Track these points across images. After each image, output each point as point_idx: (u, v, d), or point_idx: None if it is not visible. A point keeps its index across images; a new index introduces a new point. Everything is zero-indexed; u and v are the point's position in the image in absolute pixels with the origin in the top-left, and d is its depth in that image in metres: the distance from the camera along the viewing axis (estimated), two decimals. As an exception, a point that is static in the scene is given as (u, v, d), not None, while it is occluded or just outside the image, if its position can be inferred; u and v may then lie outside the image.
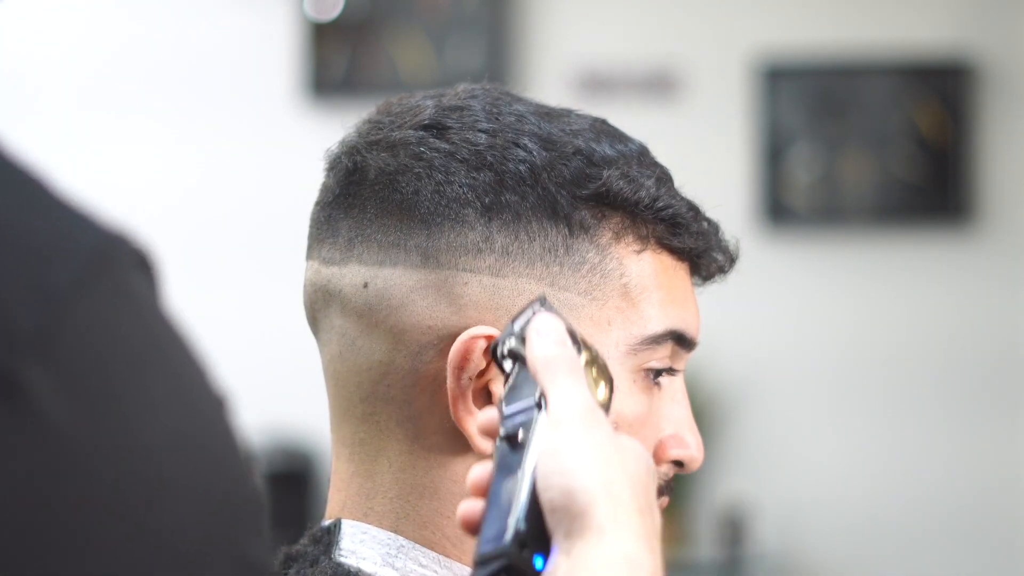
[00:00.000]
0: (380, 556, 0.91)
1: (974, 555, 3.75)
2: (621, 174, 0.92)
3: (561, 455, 0.77)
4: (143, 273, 0.59)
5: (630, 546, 0.75)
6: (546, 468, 0.77)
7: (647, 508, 0.78)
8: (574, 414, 0.79)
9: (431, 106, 0.94)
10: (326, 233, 0.94)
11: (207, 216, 3.85)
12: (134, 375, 0.56)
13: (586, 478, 0.76)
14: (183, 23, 3.88)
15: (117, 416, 0.55)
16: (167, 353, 0.58)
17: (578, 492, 0.76)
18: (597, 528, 0.75)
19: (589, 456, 0.77)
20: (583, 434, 0.78)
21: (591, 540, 0.75)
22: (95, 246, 0.57)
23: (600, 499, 0.76)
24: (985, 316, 3.75)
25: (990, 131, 3.76)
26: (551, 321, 0.83)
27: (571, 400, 0.79)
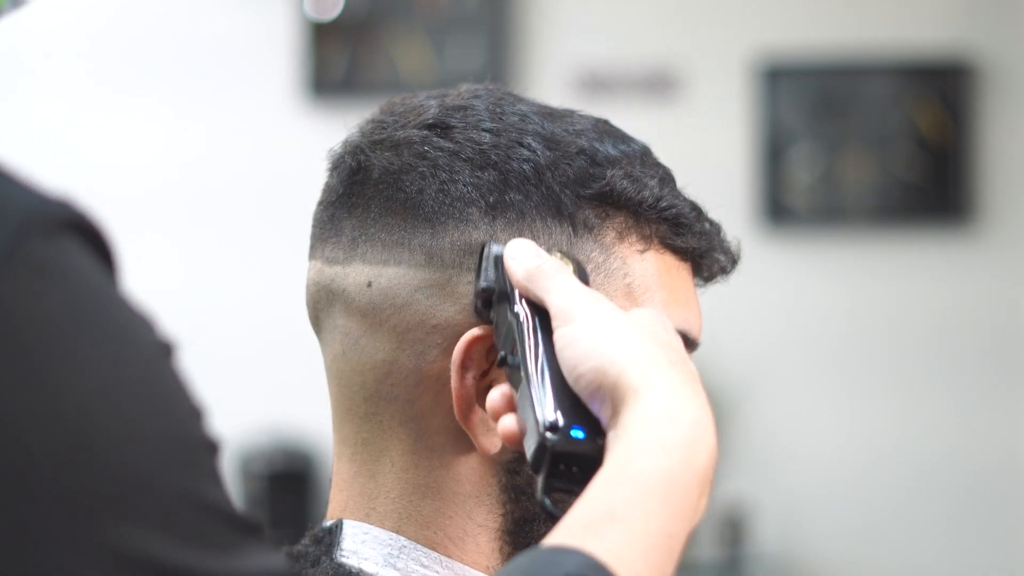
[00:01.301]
0: (382, 556, 0.91)
1: (974, 555, 3.74)
2: (625, 174, 0.93)
3: (579, 341, 0.80)
4: (73, 236, 0.60)
5: (668, 398, 0.77)
6: (570, 360, 0.80)
7: (678, 360, 0.80)
8: (578, 304, 0.82)
9: (435, 106, 0.94)
10: (329, 232, 0.94)
11: (206, 216, 3.85)
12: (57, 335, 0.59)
13: (610, 351, 0.79)
14: (183, 23, 3.88)
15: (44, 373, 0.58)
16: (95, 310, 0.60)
17: (607, 366, 0.78)
18: (633, 391, 0.77)
19: (607, 331, 0.80)
20: (594, 316, 0.81)
21: (631, 404, 0.77)
22: (22, 213, 0.59)
23: (629, 364, 0.78)
24: (985, 316, 3.75)
25: (990, 131, 3.76)
26: (521, 242, 0.87)
27: (569, 294, 0.83)
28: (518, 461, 0.91)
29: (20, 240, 0.59)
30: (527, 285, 0.84)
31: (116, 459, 0.59)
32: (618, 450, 0.76)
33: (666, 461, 0.75)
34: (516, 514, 0.91)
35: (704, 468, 0.77)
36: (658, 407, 0.77)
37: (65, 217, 0.60)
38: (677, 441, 0.76)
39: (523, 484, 0.91)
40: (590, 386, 0.79)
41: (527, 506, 0.91)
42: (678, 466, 0.75)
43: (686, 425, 0.77)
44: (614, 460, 0.76)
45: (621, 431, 0.77)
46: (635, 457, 0.75)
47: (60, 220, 0.60)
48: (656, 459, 0.75)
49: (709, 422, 0.78)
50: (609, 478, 0.76)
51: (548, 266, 0.85)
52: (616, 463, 0.76)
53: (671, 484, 0.75)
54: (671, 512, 0.75)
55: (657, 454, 0.75)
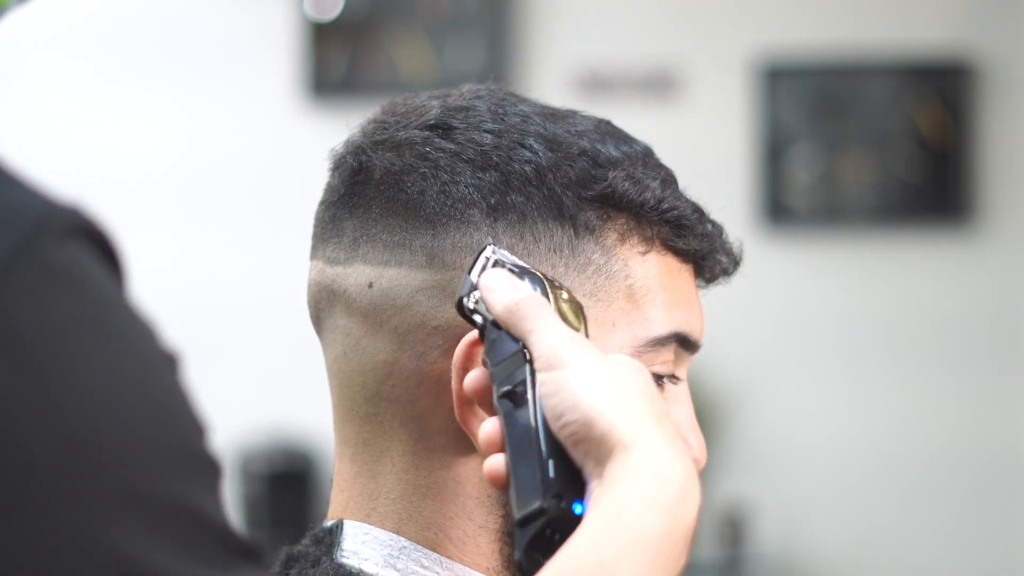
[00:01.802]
0: (382, 557, 0.91)
1: (974, 556, 3.74)
2: (626, 175, 0.92)
3: (564, 392, 0.79)
4: (83, 243, 0.61)
5: (657, 455, 0.77)
6: (555, 410, 0.79)
7: (662, 415, 0.80)
8: (561, 351, 0.81)
9: (436, 106, 0.94)
10: (331, 233, 0.94)
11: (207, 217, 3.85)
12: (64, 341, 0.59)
13: (596, 403, 0.78)
14: (183, 23, 3.88)
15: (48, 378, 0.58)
16: (102, 318, 0.60)
17: (594, 419, 0.78)
18: (622, 446, 0.77)
19: (591, 382, 0.79)
20: (577, 365, 0.80)
21: (618, 459, 0.77)
22: (31, 218, 0.59)
23: (616, 418, 0.78)
24: (985, 316, 3.75)
25: (990, 131, 3.76)
26: (496, 275, 0.85)
27: (552, 339, 0.82)
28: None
29: (29, 245, 0.59)
30: (507, 321, 0.84)
31: (116, 466, 0.59)
32: (606, 503, 0.76)
33: (656, 520, 0.75)
34: (517, 515, 0.91)
35: (690, 527, 0.78)
36: (648, 464, 0.77)
37: (75, 223, 0.61)
38: (668, 500, 0.76)
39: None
40: (574, 436, 0.78)
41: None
42: (667, 525, 0.76)
43: (675, 483, 0.77)
44: (602, 512, 0.76)
45: (608, 484, 0.77)
46: (624, 512, 0.75)
47: (70, 226, 0.60)
48: (646, 517, 0.75)
49: (696, 480, 0.78)
50: (596, 530, 0.75)
51: (528, 304, 0.83)
52: (604, 516, 0.76)
53: (660, 543, 0.75)
54: (657, 570, 0.75)
55: (647, 512, 0.75)
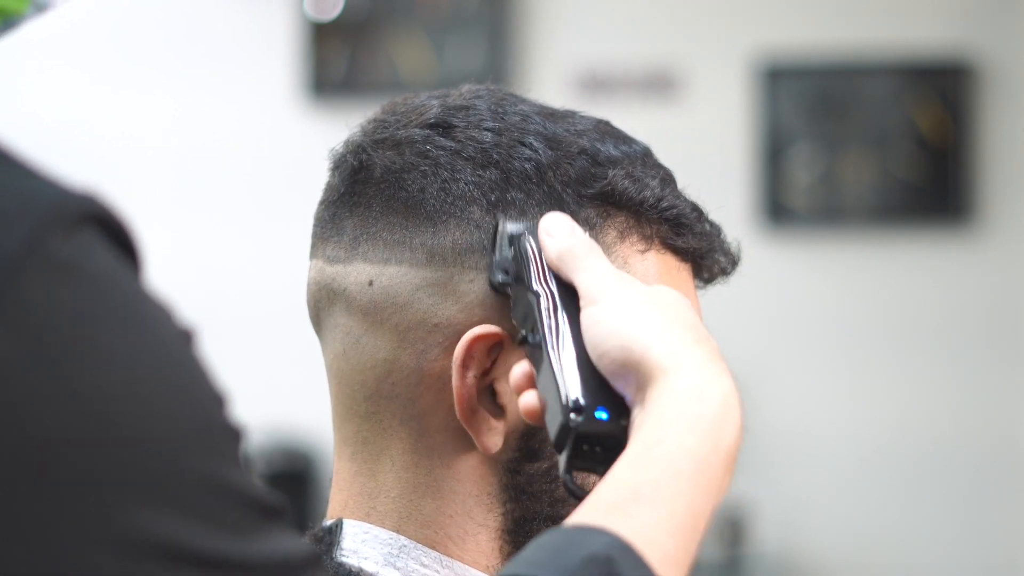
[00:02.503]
0: (382, 556, 0.91)
1: (975, 556, 3.75)
2: (626, 174, 0.93)
3: (604, 320, 0.80)
4: (96, 230, 0.61)
5: (695, 376, 0.77)
6: (595, 338, 0.80)
7: (703, 338, 0.80)
8: (605, 285, 0.82)
9: (436, 105, 0.94)
10: (331, 231, 0.94)
11: (207, 217, 3.85)
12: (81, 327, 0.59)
13: (635, 329, 0.79)
14: (183, 23, 3.88)
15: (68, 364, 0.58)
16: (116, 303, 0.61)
17: (632, 344, 0.78)
18: (660, 369, 0.77)
19: (630, 311, 0.80)
20: (617, 297, 0.81)
21: (658, 382, 0.77)
22: (45, 207, 0.60)
23: (655, 343, 0.78)
24: (984, 315, 3.75)
25: (990, 131, 3.76)
26: (557, 217, 0.87)
27: (596, 276, 0.83)
28: (519, 460, 0.91)
29: (43, 234, 0.59)
30: (559, 264, 0.85)
31: (139, 446, 0.59)
32: (645, 429, 0.76)
33: (694, 441, 0.75)
34: (516, 513, 0.91)
35: (731, 447, 0.78)
36: (686, 385, 0.77)
37: (88, 211, 0.61)
38: (706, 420, 0.76)
39: (523, 483, 0.91)
40: (614, 364, 0.79)
41: (528, 505, 0.91)
42: (706, 446, 0.76)
43: (714, 404, 0.77)
44: (641, 439, 0.76)
45: (647, 409, 0.77)
46: (663, 437, 0.75)
47: (83, 214, 0.61)
48: (684, 439, 0.75)
49: (736, 400, 0.78)
50: (636, 457, 0.76)
51: (580, 246, 0.85)
52: (643, 442, 0.76)
53: (699, 464, 0.75)
54: (698, 492, 0.75)
55: (685, 434, 0.75)
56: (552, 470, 0.91)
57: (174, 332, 0.63)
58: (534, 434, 0.90)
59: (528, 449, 0.90)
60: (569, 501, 0.90)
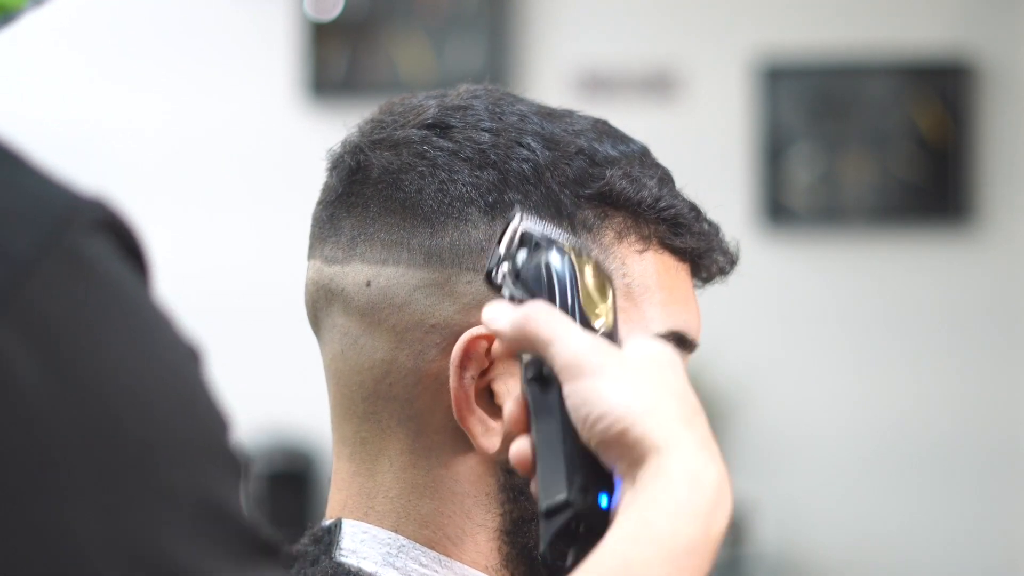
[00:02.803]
0: (380, 556, 0.91)
1: (977, 555, 3.75)
2: (624, 174, 0.93)
3: (592, 401, 0.78)
4: (108, 236, 0.61)
5: (691, 460, 0.77)
6: (586, 419, 0.78)
7: (693, 415, 0.79)
8: (584, 359, 0.79)
9: (434, 105, 0.94)
10: (328, 232, 0.94)
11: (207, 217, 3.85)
12: (91, 333, 0.59)
13: (628, 411, 0.77)
14: (183, 23, 3.88)
15: (76, 370, 0.58)
16: (128, 312, 0.61)
17: (628, 427, 0.77)
18: (655, 450, 0.77)
19: (619, 390, 0.78)
20: (603, 373, 0.79)
21: (651, 463, 0.77)
22: (58, 211, 0.59)
23: (650, 425, 0.77)
24: (985, 316, 3.75)
25: (990, 131, 3.76)
26: (492, 307, 0.83)
27: (572, 347, 0.80)
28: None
29: (57, 237, 0.59)
30: (521, 341, 0.81)
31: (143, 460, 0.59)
32: (637, 507, 0.76)
33: (687, 528, 0.75)
34: (515, 513, 0.91)
35: (721, 534, 0.77)
36: (681, 469, 0.76)
37: (100, 217, 0.61)
38: (701, 508, 0.76)
39: (522, 484, 0.91)
40: (604, 444, 0.78)
41: (526, 505, 0.91)
42: (699, 534, 0.75)
43: (709, 491, 0.76)
44: (633, 517, 0.76)
45: (639, 487, 0.77)
46: (657, 518, 0.75)
47: (95, 219, 0.60)
48: (678, 524, 0.75)
49: (728, 487, 0.78)
50: (628, 535, 0.75)
51: (533, 315, 0.81)
52: (636, 521, 0.76)
53: (691, 551, 0.75)
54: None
55: (679, 519, 0.75)
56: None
57: (182, 348, 0.63)
58: (531, 435, 0.90)
59: (526, 450, 0.90)
60: None
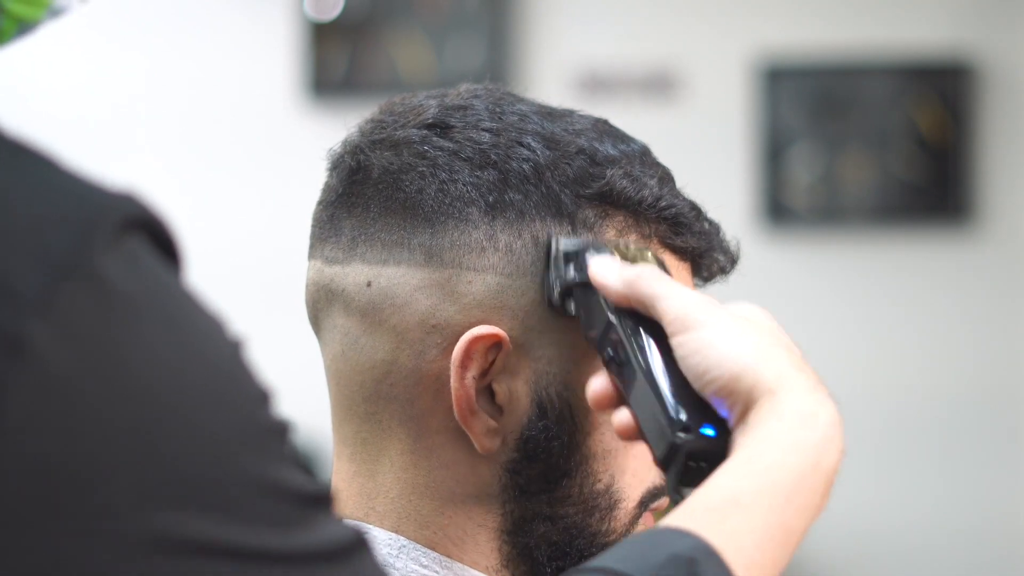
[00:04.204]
0: (381, 556, 0.91)
1: (973, 553, 3.74)
2: (624, 173, 0.93)
3: (705, 350, 0.81)
4: (140, 233, 0.61)
5: (802, 401, 0.79)
6: (697, 368, 0.81)
7: (802, 363, 0.82)
8: (692, 311, 0.82)
9: (434, 105, 0.94)
10: (329, 232, 0.94)
11: (207, 217, 3.85)
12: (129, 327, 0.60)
13: (741, 358, 0.80)
14: (183, 23, 3.88)
15: (116, 363, 0.59)
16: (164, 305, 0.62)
17: (741, 372, 0.80)
18: (769, 392, 0.79)
19: (731, 339, 0.81)
20: (712, 324, 0.82)
21: (764, 404, 0.79)
22: (92, 210, 0.60)
23: (763, 369, 0.80)
24: (985, 316, 3.75)
25: (990, 131, 3.76)
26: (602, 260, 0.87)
27: (681, 301, 0.83)
28: (517, 461, 0.91)
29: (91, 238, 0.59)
30: (628, 293, 0.85)
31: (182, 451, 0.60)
32: (749, 444, 0.78)
33: (798, 459, 0.77)
34: (516, 514, 0.91)
35: (831, 469, 0.79)
36: (793, 409, 0.79)
37: (133, 215, 0.61)
38: (810, 443, 0.78)
39: (523, 484, 0.91)
40: (721, 392, 0.80)
41: (527, 506, 0.91)
42: (807, 465, 0.77)
43: (820, 429, 0.79)
44: (744, 453, 0.78)
45: (752, 428, 0.79)
46: (766, 452, 0.77)
47: (128, 218, 0.61)
48: (787, 457, 0.77)
49: (840, 428, 0.80)
50: (737, 467, 0.77)
51: (645, 274, 0.85)
52: (746, 455, 0.77)
53: (799, 481, 0.77)
54: (795, 509, 0.77)
55: (789, 452, 0.77)
56: (549, 472, 0.91)
57: (220, 338, 0.64)
58: (532, 435, 0.90)
59: (527, 450, 0.90)
60: (568, 501, 0.91)
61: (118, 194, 0.62)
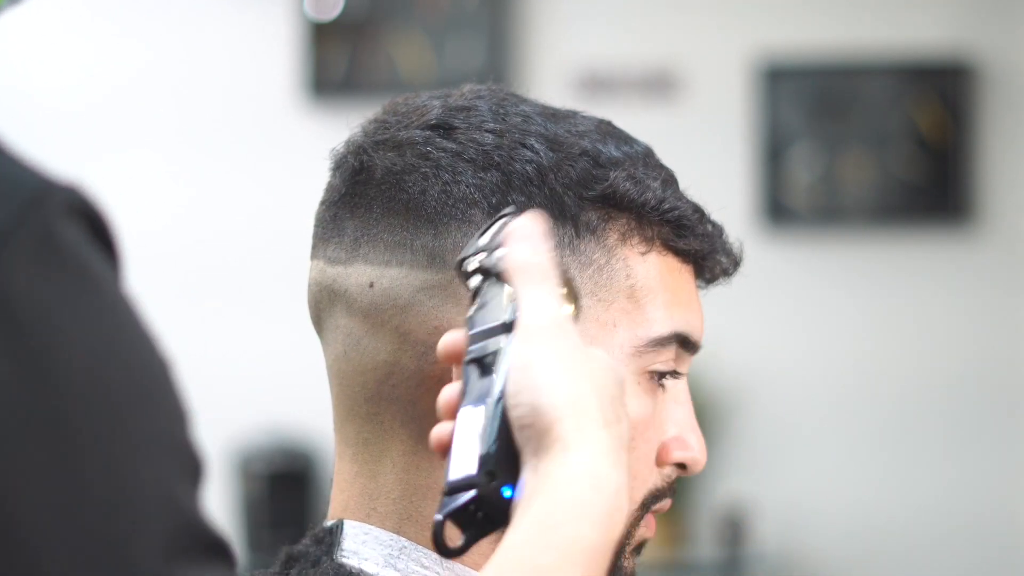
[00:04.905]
0: (382, 557, 0.91)
1: (973, 554, 3.75)
2: (627, 175, 0.92)
3: (530, 370, 0.78)
4: (81, 222, 0.61)
5: (595, 462, 0.76)
6: (516, 384, 0.78)
7: (614, 420, 0.78)
8: (544, 326, 0.80)
9: (437, 106, 0.94)
10: (332, 232, 0.94)
11: (207, 217, 3.85)
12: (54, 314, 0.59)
13: (553, 394, 0.77)
14: (183, 24, 3.88)
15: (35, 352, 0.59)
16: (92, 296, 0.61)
17: (545, 408, 0.77)
18: (562, 444, 0.76)
19: (556, 370, 0.78)
20: (552, 347, 0.79)
21: (556, 456, 0.76)
22: (30, 192, 0.60)
23: (566, 414, 0.77)
24: (985, 316, 3.75)
25: (990, 131, 3.76)
26: (532, 224, 0.83)
27: (541, 311, 0.80)
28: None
29: (30, 216, 0.59)
30: (512, 272, 0.82)
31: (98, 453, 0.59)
32: (540, 505, 0.76)
33: (591, 532, 0.75)
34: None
35: (618, 538, 0.78)
36: (584, 469, 0.76)
37: (74, 201, 0.61)
38: (602, 511, 0.76)
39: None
40: (521, 420, 0.78)
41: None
42: (600, 538, 0.75)
43: (609, 494, 0.76)
44: (539, 518, 0.75)
45: (542, 480, 0.76)
46: (561, 522, 0.75)
47: (70, 203, 0.60)
48: (581, 529, 0.75)
49: (626, 492, 0.78)
50: (535, 538, 0.75)
51: (537, 269, 0.82)
52: (541, 523, 0.75)
53: (592, 556, 0.75)
54: None
55: (583, 522, 0.75)
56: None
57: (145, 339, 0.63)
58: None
59: (527, 451, 0.90)
60: None
61: (60, 181, 0.61)
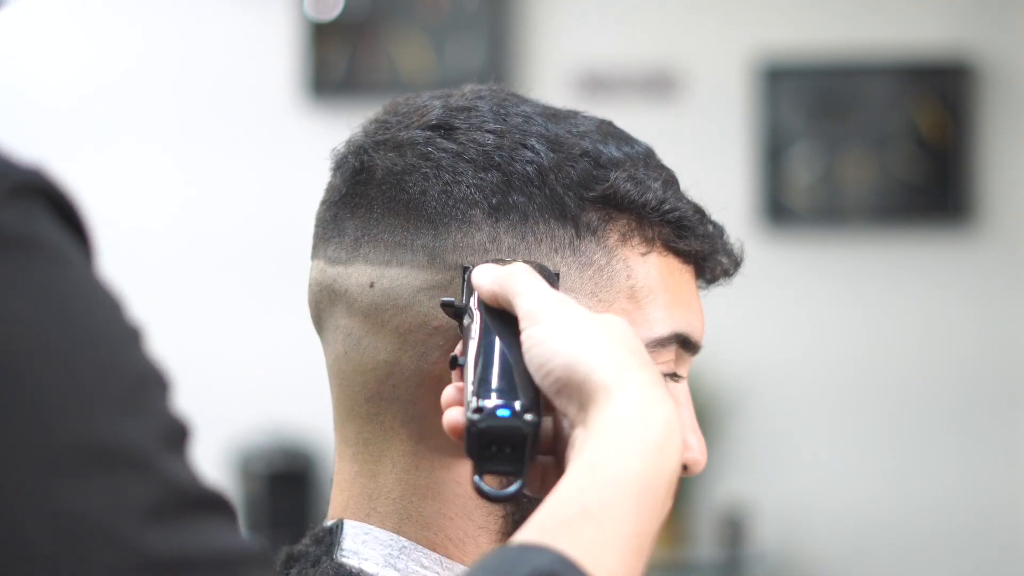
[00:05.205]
0: (382, 557, 0.91)
1: (974, 553, 3.75)
2: (628, 176, 0.92)
3: (547, 340, 0.80)
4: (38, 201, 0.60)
5: (639, 398, 0.77)
6: (538, 358, 0.80)
7: (647, 362, 0.80)
8: (543, 306, 0.81)
9: (438, 106, 0.94)
10: (332, 232, 0.94)
11: (208, 217, 3.85)
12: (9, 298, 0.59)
13: (580, 349, 0.79)
14: (182, 23, 3.88)
15: None
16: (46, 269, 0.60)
17: (575, 363, 0.78)
18: (604, 389, 0.77)
19: (576, 331, 0.80)
20: (562, 317, 0.81)
21: (601, 403, 0.77)
22: None
23: (599, 363, 0.78)
24: (985, 316, 3.75)
25: (990, 131, 3.76)
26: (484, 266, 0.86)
27: (535, 297, 0.82)
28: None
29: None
30: (496, 291, 0.84)
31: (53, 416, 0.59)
32: (589, 449, 0.76)
33: (639, 464, 0.75)
34: (516, 516, 0.91)
35: (673, 471, 0.77)
36: (630, 408, 0.77)
37: (32, 183, 0.61)
38: (650, 444, 0.76)
39: (524, 485, 0.91)
40: (557, 383, 0.79)
41: (527, 508, 0.91)
42: (650, 469, 0.76)
43: (658, 427, 0.77)
44: (586, 459, 0.76)
45: (591, 429, 0.77)
46: (608, 458, 0.76)
47: (26, 184, 0.60)
48: (629, 462, 0.75)
49: (677, 424, 0.78)
50: (581, 477, 0.76)
51: (511, 273, 0.84)
52: (588, 462, 0.76)
53: (643, 487, 0.75)
54: (643, 513, 0.75)
55: (630, 456, 0.75)
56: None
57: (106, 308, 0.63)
58: (533, 436, 0.90)
59: (527, 450, 0.90)
60: None
61: (20, 164, 0.61)
